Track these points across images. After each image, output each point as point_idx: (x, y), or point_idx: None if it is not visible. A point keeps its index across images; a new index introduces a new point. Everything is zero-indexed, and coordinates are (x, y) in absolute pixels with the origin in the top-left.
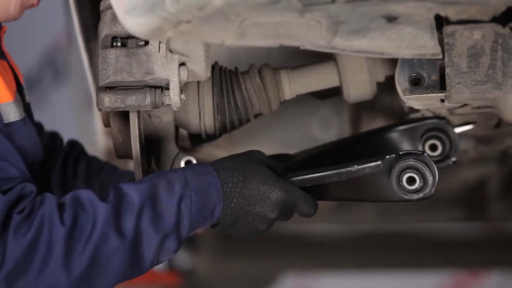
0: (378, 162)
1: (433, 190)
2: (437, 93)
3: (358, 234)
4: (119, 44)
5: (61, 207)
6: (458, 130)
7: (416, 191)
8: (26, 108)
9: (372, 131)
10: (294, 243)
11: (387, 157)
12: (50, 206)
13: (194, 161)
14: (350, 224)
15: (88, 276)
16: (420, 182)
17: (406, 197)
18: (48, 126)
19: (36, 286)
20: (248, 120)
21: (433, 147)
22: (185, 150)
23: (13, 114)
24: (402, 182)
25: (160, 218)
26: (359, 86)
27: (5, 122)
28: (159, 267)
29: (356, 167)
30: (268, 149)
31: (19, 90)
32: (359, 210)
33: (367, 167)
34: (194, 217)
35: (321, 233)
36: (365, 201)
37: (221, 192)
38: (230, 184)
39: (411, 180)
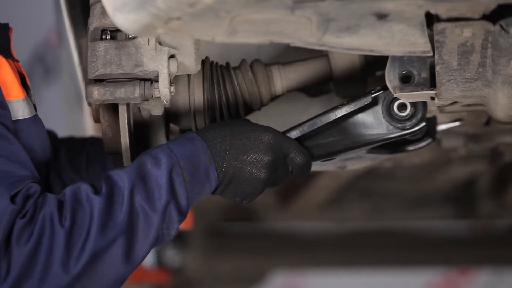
0: (367, 96)
1: (425, 114)
2: (427, 90)
3: (348, 232)
4: (108, 36)
5: (60, 206)
6: (443, 127)
7: (409, 117)
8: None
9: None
10: (283, 240)
11: (374, 89)
12: (51, 207)
13: None
14: (339, 222)
15: (89, 271)
16: (411, 107)
17: (399, 125)
18: None
19: None
20: (238, 116)
21: (402, 107)
22: None
23: (21, 111)
24: (393, 110)
25: (153, 193)
26: (350, 82)
27: (13, 119)
28: (148, 264)
29: (345, 104)
30: None
31: (27, 91)
32: (349, 208)
33: (357, 103)
34: (189, 183)
35: (310, 231)
36: (359, 146)
37: (209, 152)
38: (219, 139)
39: (401, 107)
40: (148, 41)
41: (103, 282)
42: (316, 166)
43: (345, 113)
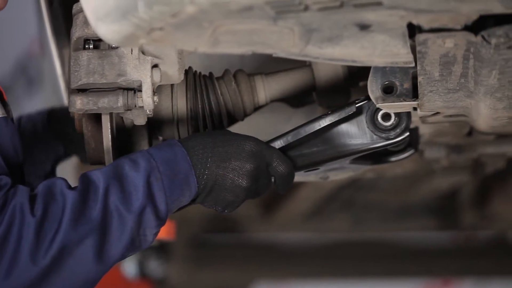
0: (351, 106)
1: (409, 124)
2: (410, 101)
3: (330, 243)
4: (91, 46)
5: (33, 198)
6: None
7: (393, 127)
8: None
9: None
10: (266, 251)
11: (358, 99)
12: (22, 198)
13: None
14: (322, 233)
15: (58, 265)
16: (395, 117)
17: (383, 135)
18: None
19: (7, 278)
20: (222, 126)
21: (386, 117)
22: None
23: None
24: (377, 120)
25: (129, 195)
26: (333, 92)
27: None
28: (131, 275)
29: (330, 114)
30: None
31: (5, 107)
32: (332, 219)
33: (341, 112)
34: (168, 188)
35: (293, 242)
36: (344, 156)
37: (188, 158)
38: (201, 147)
39: (385, 117)
40: (132, 51)
41: (72, 279)
42: (298, 177)
43: (329, 123)
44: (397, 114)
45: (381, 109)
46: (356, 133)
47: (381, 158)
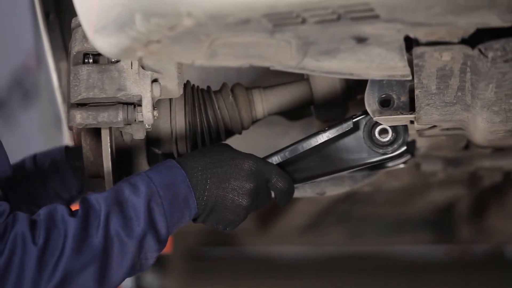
0: (349, 122)
1: (406, 139)
2: (407, 114)
3: (327, 256)
4: (91, 60)
5: (33, 225)
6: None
7: (390, 143)
8: None
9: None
10: (263, 265)
11: (355, 115)
12: (22, 226)
13: None
14: (319, 246)
15: None
16: (392, 132)
17: (380, 150)
18: (16, 148)
19: None
20: (220, 140)
21: (383, 132)
22: None
23: None
24: (374, 135)
25: (130, 221)
26: (331, 106)
27: None
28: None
29: (327, 130)
30: None
31: None
32: (328, 232)
33: (338, 128)
34: (169, 212)
35: (289, 255)
36: (341, 171)
37: (188, 181)
38: (200, 168)
39: (383, 133)
40: (131, 65)
41: None
42: (295, 193)
43: (326, 139)
44: (394, 129)
45: (378, 125)
46: (353, 148)
47: (378, 164)
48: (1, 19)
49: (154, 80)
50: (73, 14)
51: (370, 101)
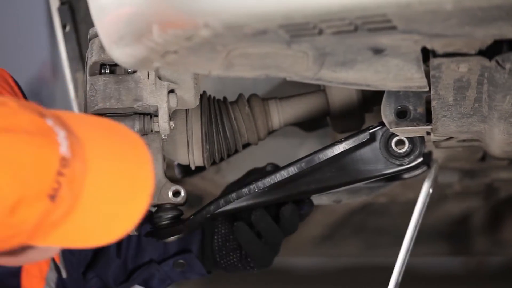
0: (365, 133)
1: (423, 150)
2: (423, 125)
3: (342, 268)
4: (107, 71)
5: None
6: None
7: (407, 154)
8: None
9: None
10: (277, 276)
11: (372, 126)
12: None
13: (183, 191)
14: (333, 258)
15: None
16: (409, 144)
17: (397, 162)
18: None
19: None
20: (236, 150)
21: (400, 143)
22: (172, 181)
23: None
24: (391, 146)
25: None
26: (347, 117)
27: None
28: None
29: (343, 141)
30: None
31: None
32: (343, 244)
33: (355, 139)
34: None
35: (304, 266)
36: (357, 181)
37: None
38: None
39: (399, 144)
40: (148, 76)
41: None
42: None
43: (342, 150)
44: (411, 140)
45: (395, 136)
46: (369, 159)
47: (394, 176)
48: (18, 30)
49: (171, 91)
50: (89, 25)
51: (387, 112)
